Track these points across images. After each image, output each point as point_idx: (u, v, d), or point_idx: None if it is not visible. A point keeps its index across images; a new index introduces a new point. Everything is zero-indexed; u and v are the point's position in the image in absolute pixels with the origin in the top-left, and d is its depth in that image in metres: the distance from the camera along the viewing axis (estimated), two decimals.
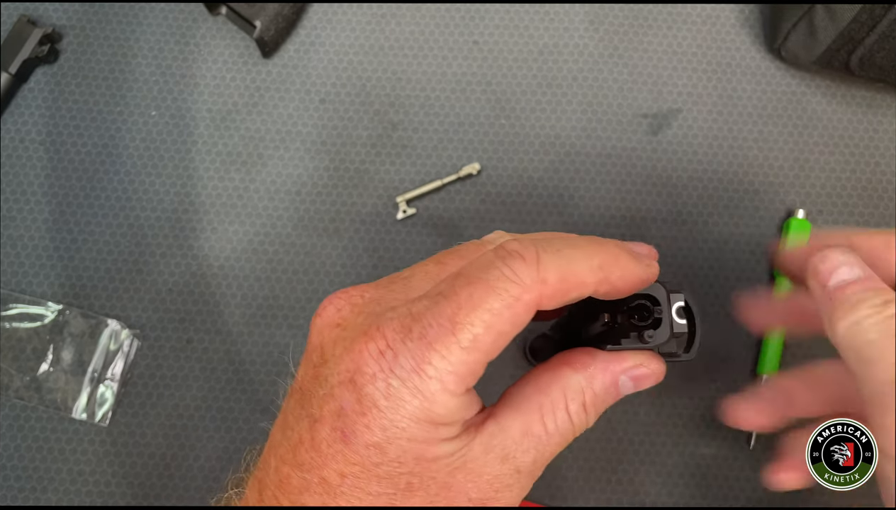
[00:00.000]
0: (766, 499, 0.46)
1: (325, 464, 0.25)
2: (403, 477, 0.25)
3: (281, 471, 0.26)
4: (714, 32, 0.52)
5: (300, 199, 0.49)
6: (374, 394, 0.24)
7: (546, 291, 0.25)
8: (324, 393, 0.25)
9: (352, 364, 0.25)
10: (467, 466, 0.26)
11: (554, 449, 0.27)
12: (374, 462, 0.25)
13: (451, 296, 0.24)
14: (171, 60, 0.51)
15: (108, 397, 0.46)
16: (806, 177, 0.50)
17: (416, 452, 0.25)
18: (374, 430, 0.24)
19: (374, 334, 0.25)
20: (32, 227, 0.49)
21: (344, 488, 0.25)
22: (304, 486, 0.25)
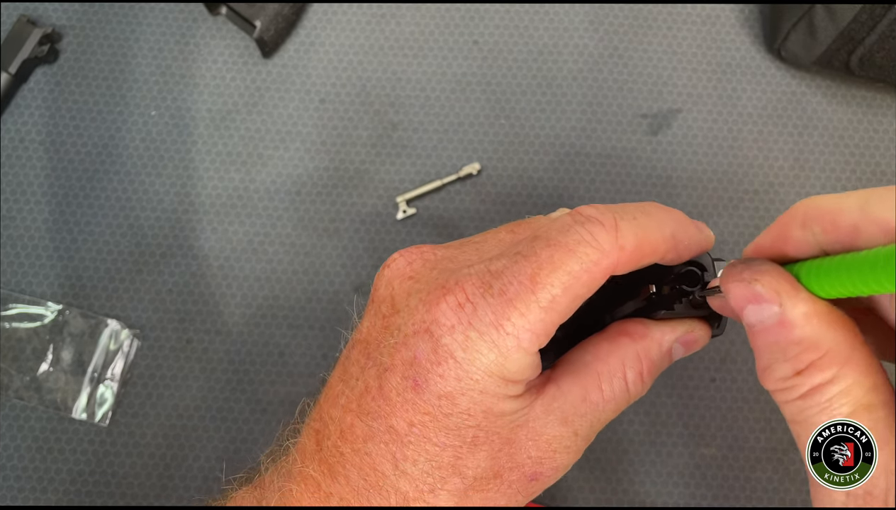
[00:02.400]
0: (765, 499, 0.46)
1: (394, 412, 0.25)
2: (470, 430, 0.25)
3: (344, 420, 0.26)
4: (714, 33, 0.52)
5: (300, 198, 0.49)
6: (452, 345, 0.25)
7: (623, 257, 0.25)
8: (395, 342, 0.26)
9: (428, 315, 0.25)
10: (529, 425, 0.26)
11: (610, 415, 0.28)
12: (445, 412, 0.25)
13: (531, 255, 0.25)
14: (171, 60, 0.51)
15: (108, 397, 0.46)
16: (806, 177, 0.50)
17: (486, 405, 0.25)
18: (448, 380, 0.25)
19: (453, 288, 0.25)
20: (32, 226, 0.49)
21: (411, 437, 0.25)
22: (370, 435, 0.26)
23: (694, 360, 0.47)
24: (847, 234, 0.20)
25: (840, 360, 0.20)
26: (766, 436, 0.47)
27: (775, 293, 0.21)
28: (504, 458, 0.26)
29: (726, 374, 0.47)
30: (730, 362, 0.48)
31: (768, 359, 0.21)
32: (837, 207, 0.20)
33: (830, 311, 0.21)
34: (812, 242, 0.21)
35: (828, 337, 0.20)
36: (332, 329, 0.48)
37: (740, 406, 0.47)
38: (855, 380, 0.20)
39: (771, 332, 0.21)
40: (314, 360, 0.47)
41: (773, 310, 0.21)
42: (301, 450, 0.27)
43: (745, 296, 0.22)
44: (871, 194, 0.20)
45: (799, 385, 0.21)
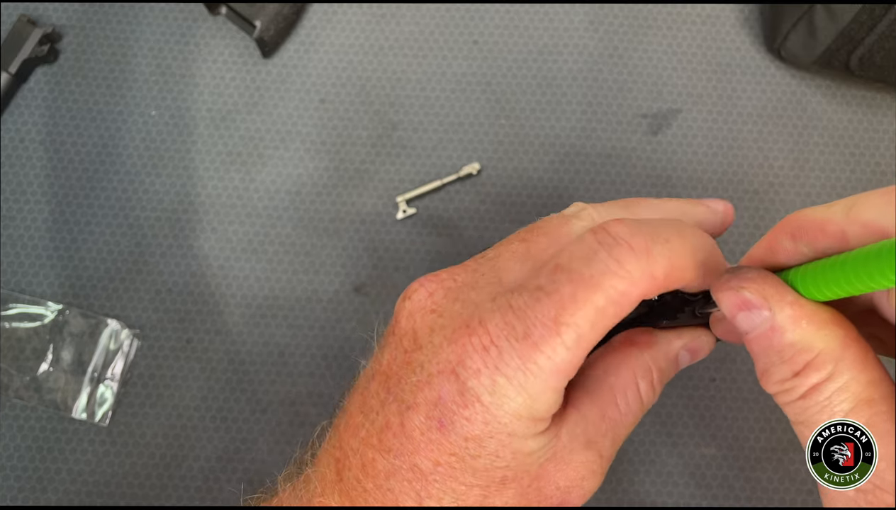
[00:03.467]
0: (765, 499, 0.46)
1: (417, 451, 0.25)
2: (499, 471, 0.25)
3: (365, 454, 0.26)
4: (714, 33, 0.52)
5: (300, 198, 0.49)
6: (478, 389, 0.24)
7: (653, 287, 0.23)
8: (418, 379, 0.25)
9: (453, 355, 0.25)
10: (557, 456, 0.26)
11: (628, 429, 0.27)
12: (472, 454, 0.25)
13: (554, 293, 0.24)
14: (171, 60, 0.51)
15: (108, 397, 0.46)
16: (806, 176, 0.50)
17: (515, 447, 0.25)
18: (476, 424, 0.24)
19: (477, 329, 0.24)
20: (32, 226, 0.49)
21: (436, 476, 0.25)
22: (392, 471, 0.25)
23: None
24: (835, 240, 0.20)
25: (834, 358, 0.20)
26: (766, 436, 0.47)
27: (763, 298, 0.21)
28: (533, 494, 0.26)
29: (726, 374, 0.47)
30: (729, 362, 0.48)
31: (765, 363, 0.22)
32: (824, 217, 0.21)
33: (819, 311, 0.21)
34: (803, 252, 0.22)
35: (818, 337, 0.21)
36: (332, 329, 0.48)
37: (740, 406, 0.47)
38: (852, 376, 0.20)
39: (764, 337, 0.21)
40: (314, 360, 0.47)
41: (763, 316, 0.21)
42: (321, 478, 0.27)
43: (735, 303, 0.22)
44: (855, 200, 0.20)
45: (798, 386, 0.21)
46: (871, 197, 0.20)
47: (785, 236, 0.22)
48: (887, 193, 0.19)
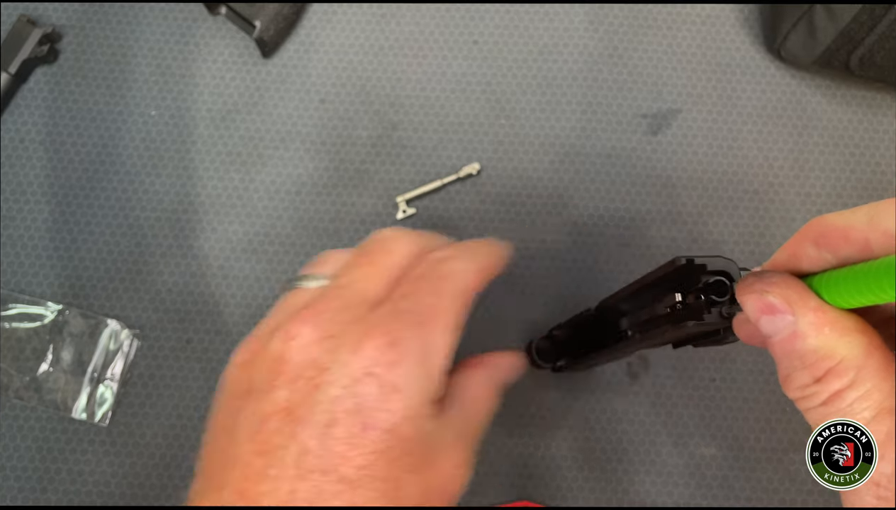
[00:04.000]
0: (766, 500, 0.46)
1: (343, 461, 0.27)
2: (408, 458, 0.27)
3: (280, 489, 0.26)
4: (714, 33, 0.52)
5: (300, 199, 0.49)
6: (396, 379, 0.27)
7: (479, 280, 0.31)
8: (334, 396, 0.27)
9: (364, 361, 0.27)
10: (443, 444, 0.29)
11: (482, 430, 0.32)
12: (390, 444, 0.27)
13: (427, 294, 0.29)
14: (171, 60, 0.51)
15: (108, 397, 0.46)
16: (805, 177, 0.50)
17: (419, 429, 0.28)
18: (395, 411, 0.27)
19: (376, 333, 0.28)
20: (32, 226, 0.49)
21: (363, 480, 0.26)
22: (317, 493, 0.26)
23: (694, 361, 0.47)
24: (859, 248, 0.20)
25: (856, 366, 0.20)
26: (766, 436, 0.47)
27: (787, 303, 0.21)
28: (430, 479, 0.29)
29: (726, 374, 0.47)
30: (730, 362, 0.48)
31: (787, 368, 0.22)
32: (847, 224, 0.21)
33: (842, 318, 0.21)
34: (826, 258, 0.22)
35: (841, 343, 0.21)
36: None
37: (740, 406, 0.47)
38: (874, 384, 0.20)
39: (787, 342, 0.21)
40: None
41: (787, 320, 0.21)
42: None
43: (759, 307, 0.22)
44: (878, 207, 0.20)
45: (819, 392, 0.21)
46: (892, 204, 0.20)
47: (808, 243, 0.22)
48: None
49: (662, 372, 0.47)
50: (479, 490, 0.46)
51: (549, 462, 0.46)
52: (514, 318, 0.48)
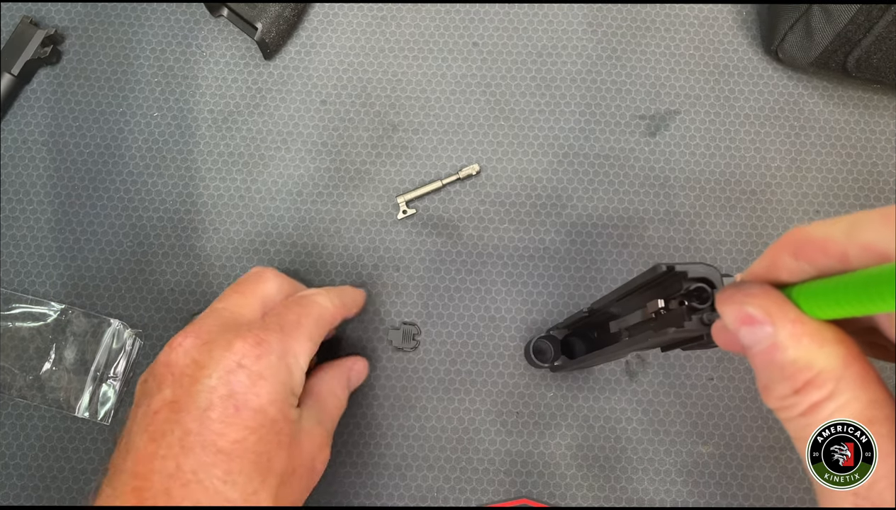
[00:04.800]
0: (763, 498, 0.46)
1: (220, 436, 0.32)
2: (277, 435, 0.34)
3: (166, 467, 0.32)
4: (711, 34, 0.52)
5: (301, 199, 0.50)
6: (261, 369, 0.34)
7: (338, 313, 0.41)
8: (211, 386, 0.33)
9: (236, 356, 0.34)
10: (304, 427, 0.36)
11: (337, 417, 0.40)
12: (260, 422, 0.33)
13: (292, 312, 0.38)
14: (173, 62, 0.51)
15: (111, 396, 0.47)
16: (803, 177, 0.50)
17: (285, 413, 0.34)
18: (262, 396, 0.33)
19: (247, 334, 0.35)
20: (35, 227, 0.49)
21: (237, 452, 0.32)
22: (198, 465, 0.32)
23: (692, 360, 0.48)
24: (837, 260, 0.20)
25: (835, 377, 0.20)
26: (763, 435, 0.47)
27: (766, 314, 0.21)
28: (296, 456, 0.35)
29: (724, 374, 0.48)
30: (727, 362, 0.48)
31: (767, 379, 0.22)
32: (826, 236, 0.21)
33: (821, 329, 0.21)
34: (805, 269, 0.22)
35: (820, 355, 0.21)
36: None
37: (738, 405, 0.47)
38: (852, 395, 0.20)
39: (766, 353, 0.21)
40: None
41: (766, 331, 0.21)
42: (126, 501, 0.32)
43: (739, 317, 0.22)
44: (856, 220, 0.20)
45: (798, 403, 0.21)
46: (872, 217, 0.19)
47: (787, 253, 0.22)
48: (887, 215, 0.19)
49: (660, 371, 0.48)
50: (478, 488, 0.46)
51: (548, 460, 0.47)
52: (513, 318, 0.48)
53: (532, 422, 0.47)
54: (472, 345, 0.48)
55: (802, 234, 0.21)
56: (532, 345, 0.45)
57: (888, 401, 0.21)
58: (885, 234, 0.19)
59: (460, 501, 0.46)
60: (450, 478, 0.46)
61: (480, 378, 0.48)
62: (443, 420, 0.47)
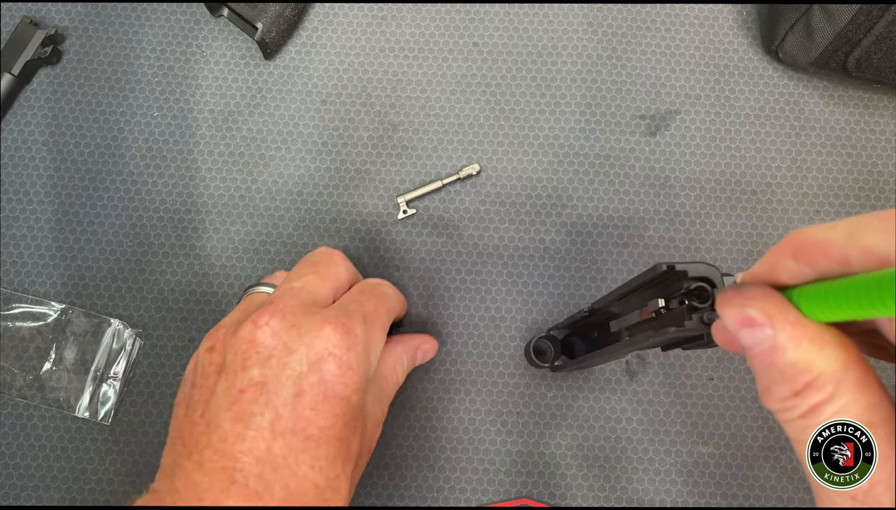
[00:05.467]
0: (763, 498, 0.46)
1: (309, 424, 0.33)
2: (356, 422, 0.34)
3: (257, 447, 0.32)
4: (712, 34, 0.52)
5: (301, 199, 0.50)
6: (350, 360, 0.34)
7: (397, 309, 0.42)
8: (300, 372, 0.33)
9: (327, 345, 0.34)
10: (367, 409, 0.36)
11: (391, 396, 0.40)
12: (344, 410, 0.34)
13: (370, 301, 0.38)
14: (174, 62, 0.51)
15: (111, 396, 0.47)
16: (803, 177, 0.50)
17: (362, 399, 0.35)
18: (349, 385, 0.34)
19: (335, 321, 0.35)
20: (35, 227, 0.49)
21: (323, 439, 0.33)
22: (288, 450, 0.32)
23: (692, 360, 0.48)
24: (838, 263, 0.20)
25: (835, 379, 0.20)
26: (763, 435, 0.47)
27: (766, 316, 0.22)
28: (363, 438, 0.36)
29: (724, 373, 0.48)
30: (727, 361, 0.48)
31: (767, 381, 0.22)
32: (826, 239, 0.21)
33: (821, 332, 0.21)
34: (805, 272, 0.22)
35: (820, 357, 0.21)
36: None
37: (738, 404, 0.47)
38: (852, 397, 0.20)
39: (766, 355, 0.22)
40: None
41: (766, 334, 0.21)
42: (212, 488, 0.32)
43: (739, 320, 0.22)
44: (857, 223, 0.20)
45: (798, 405, 0.21)
46: (872, 221, 0.20)
47: (787, 255, 0.22)
48: (888, 219, 0.19)
49: (660, 371, 0.48)
50: (478, 488, 0.46)
51: (548, 460, 0.47)
52: (513, 318, 0.48)
53: (532, 422, 0.47)
54: (472, 346, 0.48)
55: (803, 237, 0.21)
56: (532, 345, 0.45)
57: (887, 404, 0.21)
58: (885, 238, 0.19)
59: (460, 501, 0.46)
60: (450, 478, 0.46)
61: (480, 378, 0.48)
62: (443, 420, 0.47)
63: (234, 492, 0.31)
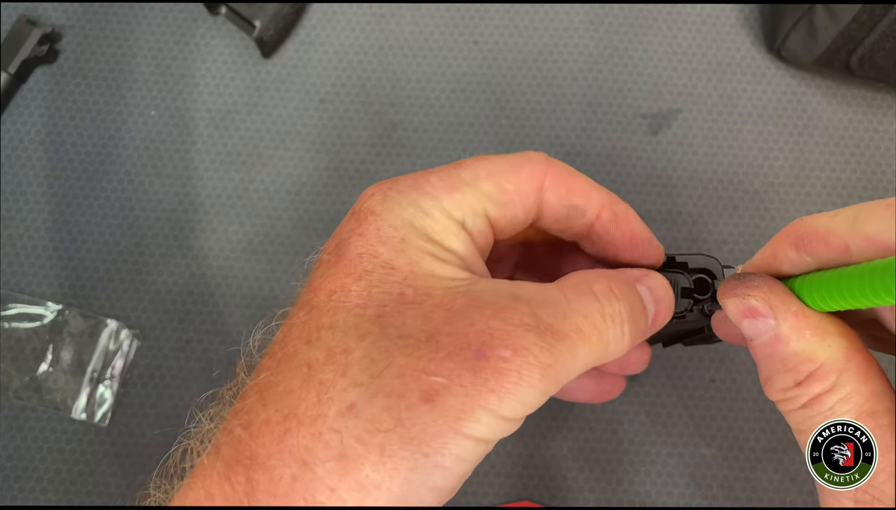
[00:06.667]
0: (765, 500, 0.46)
1: (315, 294, 0.24)
2: (396, 285, 0.23)
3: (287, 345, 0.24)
4: (714, 32, 0.52)
5: (300, 199, 0.49)
6: (371, 204, 0.25)
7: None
8: (329, 242, 0.26)
9: (354, 205, 0.26)
10: (471, 293, 0.23)
11: (573, 315, 0.23)
12: (366, 268, 0.23)
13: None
14: (171, 60, 0.51)
15: (108, 397, 0.46)
16: (806, 177, 0.50)
17: (410, 258, 0.24)
18: (368, 236, 0.24)
19: (381, 184, 0.26)
20: (32, 227, 0.49)
21: (330, 306, 0.23)
22: (285, 331, 0.24)
23: (694, 360, 0.47)
24: (839, 252, 0.20)
25: (837, 369, 0.21)
26: (766, 436, 0.47)
27: (768, 307, 0.22)
28: (439, 320, 0.22)
29: (726, 374, 0.47)
30: (729, 362, 0.48)
31: (769, 371, 0.22)
32: (828, 227, 0.21)
33: (823, 322, 0.21)
34: (806, 261, 0.22)
35: (822, 347, 0.21)
36: None
37: (740, 406, 0.47)
38: (854, 387, 0.20)
39: (768, 346, 0.22)
40: None
41: (769, 324, 0.22)
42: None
43: (741, 310, 0.22)
44: (859, 211, 0.20)
45: (800, 395, 0.21)
46: (874, 209, 0.20)
47: (788, 245, 0.22)
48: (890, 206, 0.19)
49: (662, 372, 0.47)
50: (479, 490, 0.46)
51: (549, 462, 0.46)
52: None
53: (533, 423, 0.47)
54: None
55: (804, 226, 0.21)
56: None
57: (890, 394, 0.21)
58: (887, 225, 0.19)
59: (461, 503, 0.46)
60: None
61: None
62: None
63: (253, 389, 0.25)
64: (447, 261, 0.24)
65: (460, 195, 0.25)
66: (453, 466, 0.22)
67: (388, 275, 0.23)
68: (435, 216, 0.24)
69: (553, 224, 0.27)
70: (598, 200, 0.27)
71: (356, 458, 0.20)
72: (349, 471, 0.20)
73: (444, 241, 0.24)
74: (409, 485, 0.21)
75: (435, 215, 0.24)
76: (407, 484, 0.21)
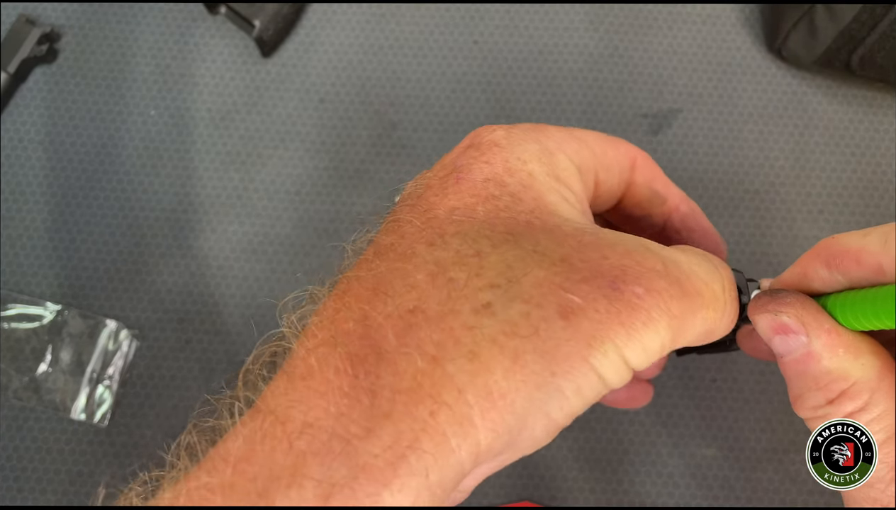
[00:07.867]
0: (766, 500, 0.46)
1: (433, 206, 0.23)
2: (523, 214, 0.23)
3: (381, 242, 0.24)
4: (714, 32, 0.52)
5: (299, 198, 0.49)
6: (494, 137, 0.25)
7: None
8: (437, 169, 0.26)
9: (469, 136, 0.26)
10: (598, 235, 0.22)
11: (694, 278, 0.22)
12: (493, 193, 0.23)
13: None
14: (171, 60, 0.51)
15: (107, 397, 0.46)
16: (807, 177, 0.50)
17: (537, 191, 0.23)
18: (495, 165, 0.24)
19: (487, 125, 0.26)
20: (31, 227, 0.48)
21: (452, 219, 0.22)
22: (405, 233, 0.23)
23: (695, 361, 0.47)
24: (872, 272, 0.20)
25: (870, 388, 0.20)
26: (767, 437, 0.47)
27: (801, 324, 0.21)
28: (571, 248, 0.21)
29: (727, 375, 0.47)
30: (730, 363, 0.47)
31: (800, 388, 0.22)
32: (860, 246, 0.20)
33: (856, 340, 0.21)
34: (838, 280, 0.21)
35: (855, 366, 0.21)
36: None
37: (741, 407, 0.47)
38: (887, 407, 0.20)
39: (800, 363, 0.21)
40: None
41: (800, 341, 0.21)
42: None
43: (773, 326, 0.22)
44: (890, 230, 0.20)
45: (831, 414, 0.21)
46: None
47: (819, 263, 0.22)
48: None
49: (663, 372, 0.47)
50: (479, 490, 0.46)
51: (550, 462, 0.46)
52: None
53: None
54: None
55: (835, 244, 0.21)
56: None
57: None
58: None
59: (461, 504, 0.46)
60: None
61: None
62: None
63: (367, 265, 0.25)
64: (570, 203, 0.24)
65: (577, 146, 0.25)
66: (570, 397, 0.20)
67: (515, 204, 0.23)
68: (559, 157, 0.24)
69: (634, 206, 0.28)
70: (676, 193, 0.28)
71: (489, 359, 0.19)
72: (479, 372, 0.19)
73: (568, 181, 0.24)
74: (530, 403, 0.20)
75: (559, 156, 0.24)
76: (529, 402, 0.20)
